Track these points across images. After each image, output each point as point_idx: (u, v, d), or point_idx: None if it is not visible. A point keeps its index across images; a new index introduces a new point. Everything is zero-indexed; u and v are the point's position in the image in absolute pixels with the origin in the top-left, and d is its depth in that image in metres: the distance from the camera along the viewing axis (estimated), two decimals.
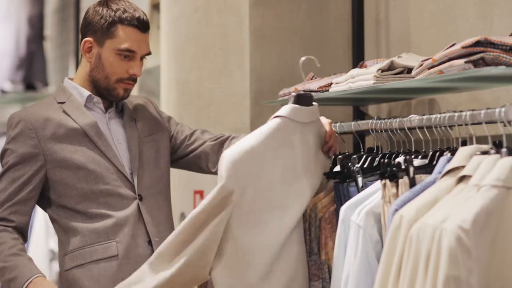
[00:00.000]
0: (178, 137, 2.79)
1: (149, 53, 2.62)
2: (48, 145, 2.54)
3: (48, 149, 2.54)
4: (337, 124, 2.64)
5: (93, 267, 2.53)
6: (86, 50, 2.60)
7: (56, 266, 4.92)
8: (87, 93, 2.61)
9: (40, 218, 4.93)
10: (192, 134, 2.79)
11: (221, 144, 2.72)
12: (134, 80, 2.61)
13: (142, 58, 2.61)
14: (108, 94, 2.61)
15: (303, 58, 2.96)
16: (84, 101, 2.61)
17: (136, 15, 2.58)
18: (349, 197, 2.25)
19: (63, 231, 2.57)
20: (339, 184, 2.31)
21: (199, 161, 2.76)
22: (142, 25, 2.59)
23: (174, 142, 2.78)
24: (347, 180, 2.29)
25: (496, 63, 1.98)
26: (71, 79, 2.67)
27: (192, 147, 2.78)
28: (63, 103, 2.60)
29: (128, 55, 2.57)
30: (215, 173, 2.64)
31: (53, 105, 2.61)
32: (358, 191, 2.25)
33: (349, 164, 2.33)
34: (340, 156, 2.58)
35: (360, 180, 2.26)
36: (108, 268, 2.54)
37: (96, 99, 2.61)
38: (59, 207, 2.56)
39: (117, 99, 2.63)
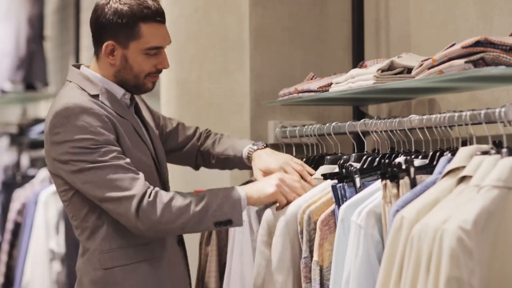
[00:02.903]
0: (163, 132, 2.84)
1: (170, 42, 2.58)
2: (116, 130, 2.47)
3: (117, 135, 2.46)
4: (333, 124, 2.67)
5: (137, 268, 2.49)
6: (108, 53, 2.50)
7: (56, 266, 4.92)
8: (120, 90, 2.55)
9: (40, 218, 4.93)
10: (176, 130, 2.86)
11: (204, 144, 2.84)
12: (161, 72, 2.57)
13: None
14: (137, 90, 2.57)
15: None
16: (119, 96, 2.55)
17: (154, 8, 2.49)
18: (347, 198, 2.25)
19: (105, 226, 2.47)
20: (336, 185, 2.31)
21: (186, 160, 2.88)
22: (162, 17, 2.52)
23: (160, 136, 2.80)
24: (345, 181, 2.29)
25: (496, 63, 1.98)
26: (88, 67, 2.58)
27: (175, 144, 2.85)
28: (97, 96, 2.50)
29: (155, 53, 2.51)
30: (196, 169, 2.92)
31: (88, 97, 2.48)
32: (356, 192, 2.25)
33: (347, 164, 2.33)
34: (329, 157, 2.62)
35: (358, 180, 2.26)
36: (152, 269, 2.50)
37: (127, 95, 2.58)
38: None
39: (145, 92, 2.60)
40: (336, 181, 2.32)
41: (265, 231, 2.54)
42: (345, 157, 2.49)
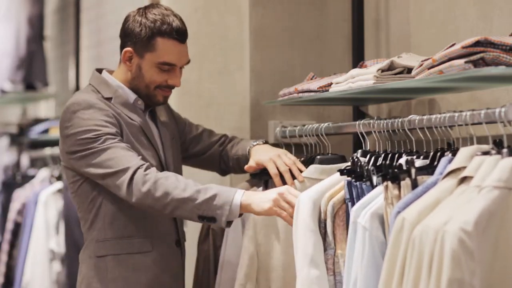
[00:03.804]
0: (187, 137, 2.93)
1: (188, 62, 2.71)
2: (121, 128, 2.59)
3: (121, 132, 2.59)
4: (324, 125, 2.69)
5: (128, 258, 2.61)
6: (126, 59, 2.66)
7: (56, 266, 4.92)
8: (133, 95, 2.69)
9: (40, 218, 4.93)
10: (200, 135, 2.95)
11: (225, 148, 2.93)
12: (173, 87, 2.70)
13: (181, 67, 2.69)
14: (148, 100, 2.70)
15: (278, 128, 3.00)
16: (132, 100, 2.69)
17: (175, 26, 2.62)
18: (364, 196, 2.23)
19: (103, 216, 2.61)
20: (352, 182, 2.30)
21: (210, 165, 2.97)
22: (181, 36, 2.64)
23: (183, 141, 2.91)
24: (363, 179, 2.27)
25: (496, 63, 1.98)
26: (110, 72, 2.72)
27: (199, 149, 2.94)
28: (110, 98, 2.65)
29: (168, 68, 2.64)
30: (222, 174, 2.99)
31: (101, 98, 2.65)
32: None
33: (363, 163, 2.31)
34: (319, 157, 2.65)
35: (375, 179, 2.24)
36: (142, 262, 2.62)
37: (140, 101, 2.70)
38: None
39: (157, 105, 2.74)
40: (350, 178, 2.30)
41: (251, 225, 2.55)
42: (357, 154, 2.47)
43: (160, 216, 2.62)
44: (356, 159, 2.36)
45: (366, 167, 2.27)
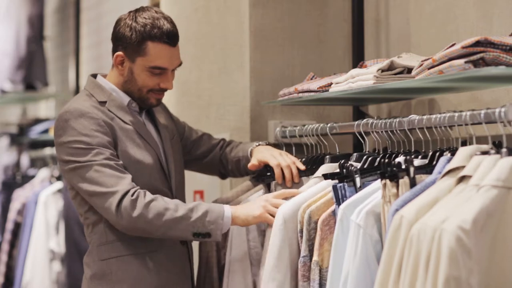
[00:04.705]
0: (187, 141, 2.95)
1: (180, 65, 2.70)
2: (114, 134, 2.60)
3: (115, 137, 2.60)
4: (326, 125, 2.69)
5: (132, 260, 2.61)
6: (118, 63, 2.67)
7: (56, 266, 4.92)
8: (127, 98, 2.69)
9: (40, 218, 4.93)
10: (200, 138, 2.97)
11: (224, 152, 2.95)
12: (165, 90, 2.70)
13: (173, 70, 2.69)
14: (141, 102, 2.71)
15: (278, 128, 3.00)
16: (126, 103, 2.69)
17: (165, 30, 2.61)
18: (347, 197, 2.25)
19: (103, 220, 2.60)
20: (337, 185, 2.31)
21: (210, 169, 2.99)
22: (172, 40, 2.63)
23: (184, 145, 2.92)
24: (345, 180, 2.29)
25: (496, 63, 1.98)
26: (104, 76, 2.73)
27: (200, 153, 2.96)
28: (104, 102, 2.65)
29: (160, 72, 2.64)
30: (222, 177, 3.04)
31: (96, 103, 2.65)
32: (356, 191, 2.25)
33: (348, 164, 2.33)
34: (328, 156, 2.65)
35: (358, 180, 2.26)
36: (147, 262, 2.62)
37: (134, 104, 2.71)
38: None
39: (150, 107, 2.74)
40: (337, 181, 2.32)
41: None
42: (352, 157, 2.49)
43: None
44: (343, 162, 2.38)
45: (350, 168, 2.29)
